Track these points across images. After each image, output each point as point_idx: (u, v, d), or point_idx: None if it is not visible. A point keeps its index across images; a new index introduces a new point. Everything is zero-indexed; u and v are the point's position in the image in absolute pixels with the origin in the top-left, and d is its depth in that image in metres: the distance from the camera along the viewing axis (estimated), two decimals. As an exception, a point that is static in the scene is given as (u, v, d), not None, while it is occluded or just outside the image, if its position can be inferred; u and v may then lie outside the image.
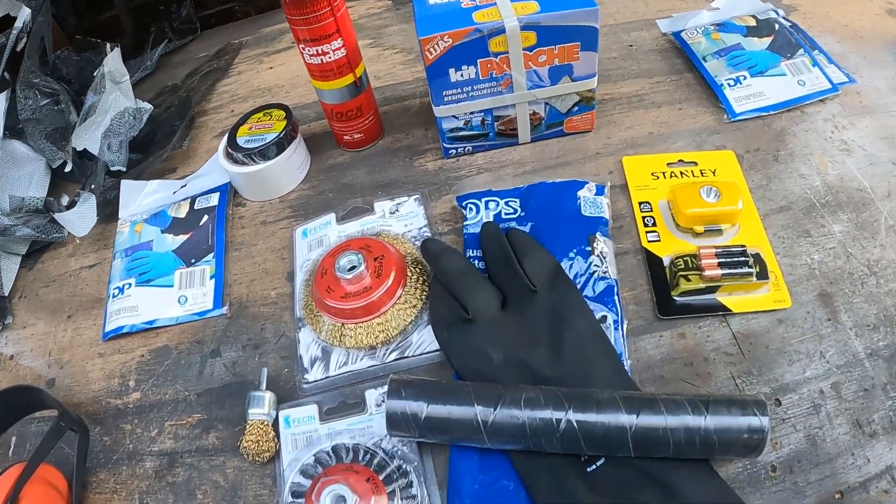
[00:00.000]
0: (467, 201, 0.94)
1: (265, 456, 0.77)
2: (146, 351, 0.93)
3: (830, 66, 1.06)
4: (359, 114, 1.05)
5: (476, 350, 0.77)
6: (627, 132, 1.03)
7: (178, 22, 1.59)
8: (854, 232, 0.86)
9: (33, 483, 0.74)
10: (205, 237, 1.02)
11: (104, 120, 1.16)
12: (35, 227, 1.09)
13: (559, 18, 0.87)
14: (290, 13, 0.91)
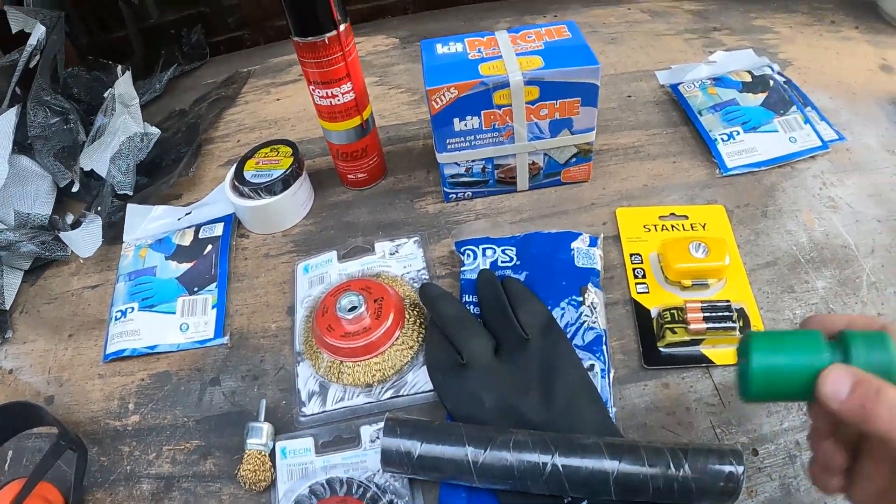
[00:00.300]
0: (465, 247, 0.96)
1: (261, 485, 0.78)
2: (146, 375, 0.94)
3: (822, 124, 1.09)
4: (363, 154, 1.08)
5: (469, 394, 0.79)
6: (622, 184, 1.05)
7: (189, 46, 1.61)
8: (836, 288, 0.88)
9: (31, 500, 0.75)
10: (208, 267, 1.04)
11: (113, 142, 1.18)
12: (39, 243, 1.10)
13: (562, 75, 0.90)
14: (303, 56, 0.94)
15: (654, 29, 1.41)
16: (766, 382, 0.57)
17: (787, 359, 0.56)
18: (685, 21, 1.42)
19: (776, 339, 0.58)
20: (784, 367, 0.56)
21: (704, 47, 1.32)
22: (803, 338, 0.57)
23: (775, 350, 0.57)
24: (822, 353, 0.56)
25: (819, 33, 1.33)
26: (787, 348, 0.57)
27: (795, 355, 0.56)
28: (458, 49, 0.97)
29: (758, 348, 0.57)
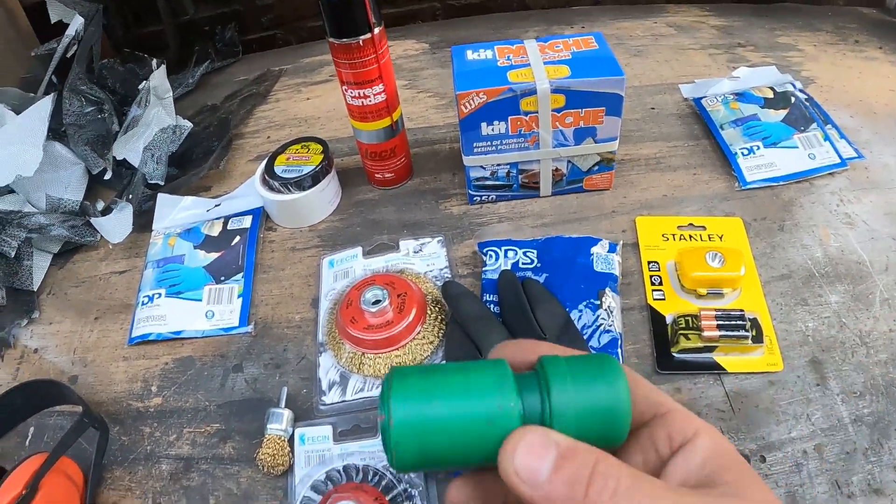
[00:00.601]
0: (488, 248, 0.98)
1: (279, 469, 0.80)
2: (170, 359, 0.96)
3: (841, 141, 1.09)
4: (392, 155, 1.10)
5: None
6: (643, 193, 1.07)
7: (222, 43, 1.63)
8: (849, 303, 0.88)
9: (52, 473, 0.77)
10: (235, 257, 1.06)
11: (146, 133, 1.21)
12: (69, 227, 1.13)
13: (588, 84, 0.92)
14: (338, 57, 0.96)
15: (679, 43, 1.42)
16: (417, 446, 0.37)
17: (447, 408, 0.37)
18: (710, 36, 1.44)
19: (433, 376, 0.39)
20: (441, 423, 0.37)
21: (728, 63, 1.33)
22: (478, 373, 0.39)
23: (429, 394, 0.37)
24: (506, 397, 0.37)
25: (843, 52, 1.34)
26: (450, 389, 0.38)
27: (460, 401, 0.37)
28: (487, 56, 0.99)
29: (400, 392, 0.38)
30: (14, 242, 1.08)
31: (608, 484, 0.33)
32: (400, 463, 0.37)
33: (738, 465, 0.36)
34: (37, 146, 1.12)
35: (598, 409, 0.37)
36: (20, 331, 1.05)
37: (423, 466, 0.38)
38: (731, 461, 0.36)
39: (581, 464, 0.34)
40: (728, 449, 0.37)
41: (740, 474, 0.35)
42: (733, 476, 0.35)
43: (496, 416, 0.36)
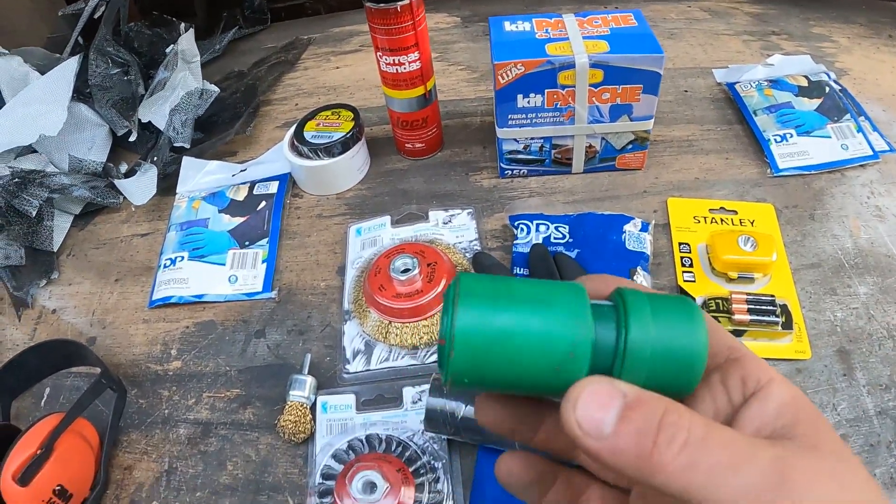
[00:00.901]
0: (519, 221, 0.97)
1: (301, 437, 0.79)
2: (191, 323, 0.96)
3: (874, 134, 1.09)
4: (424, 125, 1.09)
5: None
6: (675, 175, 1.06)
7: (250, 11, 1.62)
8: (878, 295, 0.88)
9: (68, 434, 0.77)
10: (261, 222, 1.06)
11: (172, 96, 1.20)
12: (91, 188, 1.12)
13: (627, 61, 0.91)
14: (374, 22, 0.95)
15: (714, 28, 1.41)
16: (476, 359, 0.33)
17: (516, 324, 0.33)
18: (744, 23, 1.42)
19: (506, 286, 0.35)
20: (508, 340, 0.33)
21: (762, 50, 1.32)
22: (553, 293, 0.35)
23: (498, 305, 0.33)
24: (580, 325, 0.33)
25: (876, 46, 1.33)
26: (522, 306, 0.33)
27: (530, 319, 0.33)
28: (525, 28, 0.98)
29: (468, 297, 0.34)
30: (35, 202, 1.07)
31: (678, 435, 0.30)
32: (454, 374, 0.34)
33: (813, 417, 0.33)
34: (61, 106, 1.11)
35: (675, 349, 0.34)
36: (39, 291, 1.05)
37: (476, 384, 0.35)
38: (806, 412, 0.34)
39: (649, 414, 0.31)
40: (803, 400, 0.34)
41: (815, 426, 0.33)
42: (809, 428, 0.32)
43: (567, 343, 0.33)
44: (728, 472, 0.29)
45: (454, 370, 0.33)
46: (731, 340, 0.38)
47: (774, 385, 0.35)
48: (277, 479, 0.79)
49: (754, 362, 0.36)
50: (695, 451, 0.30)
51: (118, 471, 0.82)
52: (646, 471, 0.30)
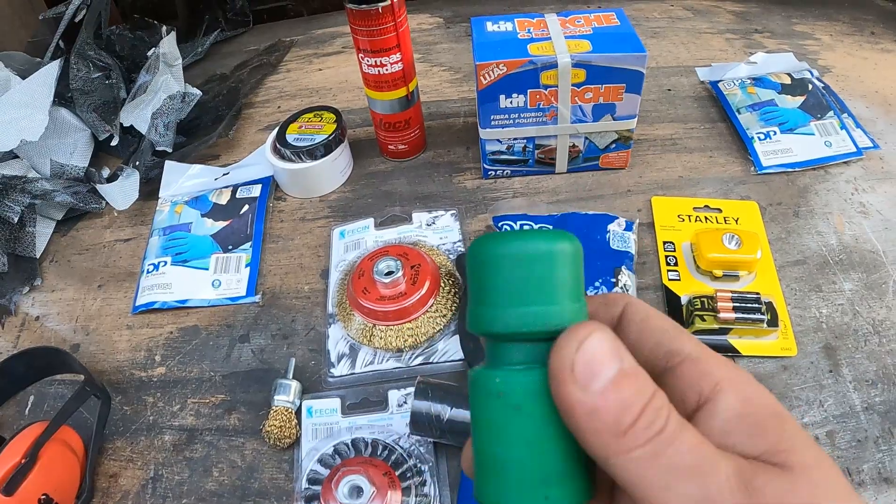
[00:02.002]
0: (503, 222, 0.97)
1: (286, 441, 0.79)
2: (175, 328, 0.95)
3: (857, 131, 1.09)
4: (406, 126, 1.09)
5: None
6: (659, 173, 1.06)
7: (232, 13, 1.62)
8: (863, 291, 0.88)
9: (52, 442, 0.76)
10: (244, 226, 1.05)
11: (154, 100, 1.19)
12: (73, 194, 1.11)
13: (609, 60, 0.91)
14: (355, 23, 0.95)
15: (696, 27, 1.41)
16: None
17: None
18: (727, 21, 1.43)
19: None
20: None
21: (745, 48, 1.33)
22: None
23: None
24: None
25: (859, 44, 1.33)
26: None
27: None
28: (507, 28, 0.97)
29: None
30: (17, 208, 1.06)
31: (656, 422, 0.28)
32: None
33: (775, 425, 0.30)
34: (42, 111, 1.10)
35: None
36: (21, 298, 1.04)
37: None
38: (765, 420, 0.30)
39: (641, 390, 0.29)
40: (760, 403, 0.30)
41: (779, 437, 0.29)
42: (771, 440, 0.29)
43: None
44: (685, 478, 0.27)
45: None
46: (670, 342, 0.33)
47: (721, 394, 0.31)
48: (264, 484, 0.78)
49: (696, 367, 0.32)
50: (665, 445, 0.28)
51: (104, 479, 0.81)
52: (610, 447, 0.28)
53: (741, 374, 0.31)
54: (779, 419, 0.30)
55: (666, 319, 0.35)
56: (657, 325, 0.34)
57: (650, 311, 0.35)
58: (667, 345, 0.33)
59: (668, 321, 0.34)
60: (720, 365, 0.32)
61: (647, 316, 0.35)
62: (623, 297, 0.36)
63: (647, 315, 0.35)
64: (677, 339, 0.33)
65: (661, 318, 0.35)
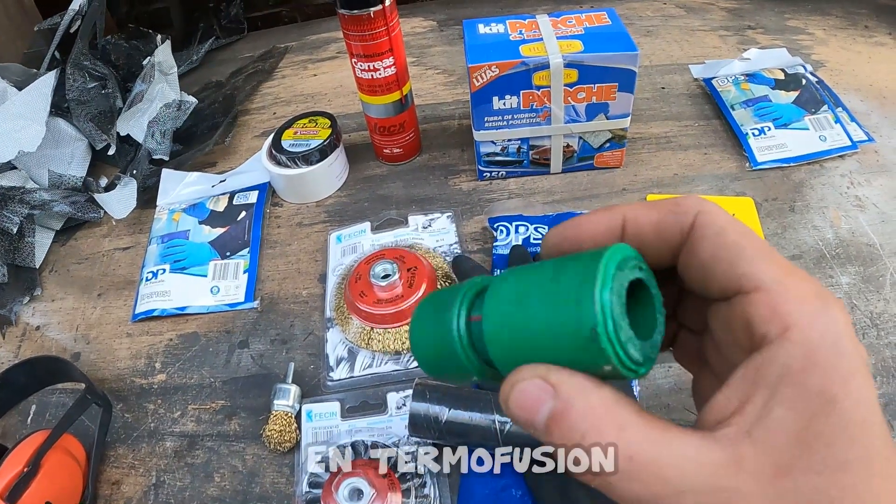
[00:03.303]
0: (499, 223, 0.97)
1: (286, 445, 0.79)
2: (175, 335, 0.96)
3: (852, 124, 1.09)
4: (401, 129, 1.09)
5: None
6: (654, 171, 1.07)
7: (227, 20, 1.62)
8: (860, 285, 0.88)
9: (54, 450, 0.76)
10: (241, 232, 1.05)
11: (150, 108, 1.20)
12: (71, 203, 1.11)
13: (601, 59, 0.91)
14: (348, 28, 0.95)
15: (689, 24, 1.42)
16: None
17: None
18: (720, 18, 1.43)
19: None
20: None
21: (738, 45, 1.33)
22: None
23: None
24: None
25: (852, 38, 1.34)
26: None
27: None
28: (499, 30, 0.98)
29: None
30: (16, 219, 1.06)
31: (604, 465, 0.28)
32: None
33: (842, 409, 0.26)
34: (39, 122, 1.11)
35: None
36: (22, 308, 1.04)
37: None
38: (830, 389, 0.27)
39: (574, 427, 0.29)
40: (833, 359, 0.27)
41: (843, 427, 0.26)
42: (831, 427, 0.26)
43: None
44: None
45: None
46: (747, 265, 0.30)
47: (787, 336, 0.28)
48: (265, 488, 0.78)
49: (768, 300, 0.29)
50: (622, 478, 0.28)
51: (106, 486, 0.81)
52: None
53: (829, 307, 0.28)
54: (856, 396, 0.27)
55: (745, 234, 0.31)
56: (733, 242, 0.31)
57: (726, 222, 0.32)
58: (742, 267, 0.30)
59: (748, 236, 0.31)
60: (797, 301, 0.28)
61: (721, 229, 0.31)
62: (695, 204, 0.33)
63: (723, 228, 0.31)
64: (754, 262, 0.30)
65: (738, 233, 0.31)
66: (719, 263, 0.31)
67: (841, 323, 0.28)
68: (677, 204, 0.33)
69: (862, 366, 0.27)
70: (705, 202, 0.33)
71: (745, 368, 0.29)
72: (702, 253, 0.32)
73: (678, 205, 0.33)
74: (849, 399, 0.26)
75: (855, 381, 0.27)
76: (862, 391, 0.27)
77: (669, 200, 0.34)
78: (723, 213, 0.32)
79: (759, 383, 0.28)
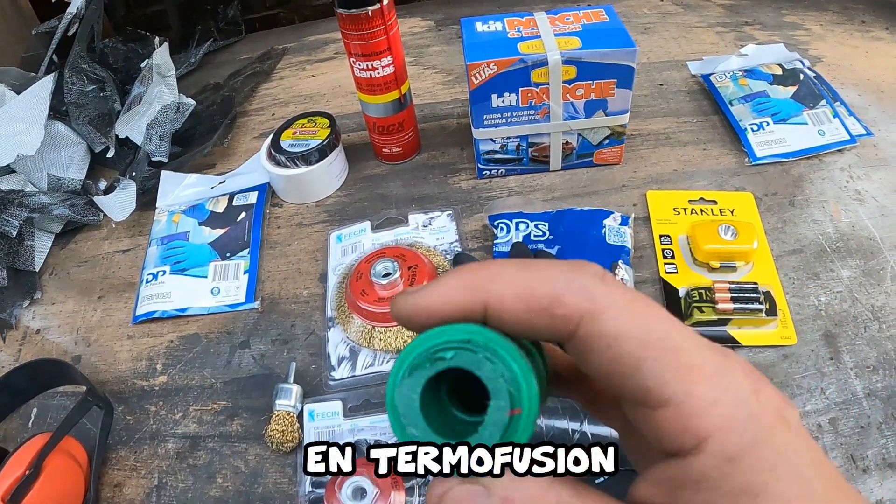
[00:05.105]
0: (499, 221, 0.97)
1: (289, 445, 0.79)
2: (175, 337, 0.96)
3: (850, 119, 1.09)
4: (400, 129, 1.09)
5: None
6: (653, 167, 1.07)
7: (224, 22, 1.62)
8: (861, 278, 0.88)
9: (56, 453, 0.76)
10: (241, 233, 1.05)
11: (149, 111, 1.20)
12: (70, 206, 1.11)
13: (599, 56, 0.91)
14: (346, 28, 0.95)
15: (687, 21, 1.42)
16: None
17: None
18: (717, 14, 1.43)
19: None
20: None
21: (736, 41, 1.33)
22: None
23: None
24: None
25: (849, 32, 1.34)
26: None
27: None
28: (497, 28, 0.98)
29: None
30: (15, 222, 1.07)
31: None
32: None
33: (773, 494, 0.26)
34: (38, 125, 1.11)
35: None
36: (22, 311, 1.04)
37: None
38: (756, 482, 0.26)
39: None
40: (755, 452, 0.26)
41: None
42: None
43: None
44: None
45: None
46: (652, 378, 0.27)
47: (701, 455, 0.27)
48: (267, 489, 0.78)
49: (683, 413, 0.27)
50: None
51: (108, 488, 0.81)
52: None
53: (734, 423, 0.26)
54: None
55: (643, 341, 0.27)
56: (628, 354, 0.27)
57: (618, 330, 0.28)
58: (644, 382, 0.27)
59: (647, 343, 0.27)
60: (707, 412, 0.26)
61: (613, 341, 0.27)
62: (580, 304, 0.28)
63: (615, 339, 0.27)
64: (657, 376, 0.27)
65: (635, 341, 0.27)
66: (615, 378, 0.28)
67: (758, 410, 0.27)
68: (556, 301, 0.28)
69: (792, 439, 0.27)
70: (596, 290, 0.28)
71: (664, 472, 0.28)
72: (593, 366, 0.29)
73: (557, 303, 0.28)
74: (780, 483, 0.26)
75: (783, 462, 0.26)
76: (793, 469, 0.26)
77: (547, 290, 0.29)
78: (616, 311, 0.28)
79: (679, 490, 0.27)
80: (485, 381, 0.28)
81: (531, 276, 0.29)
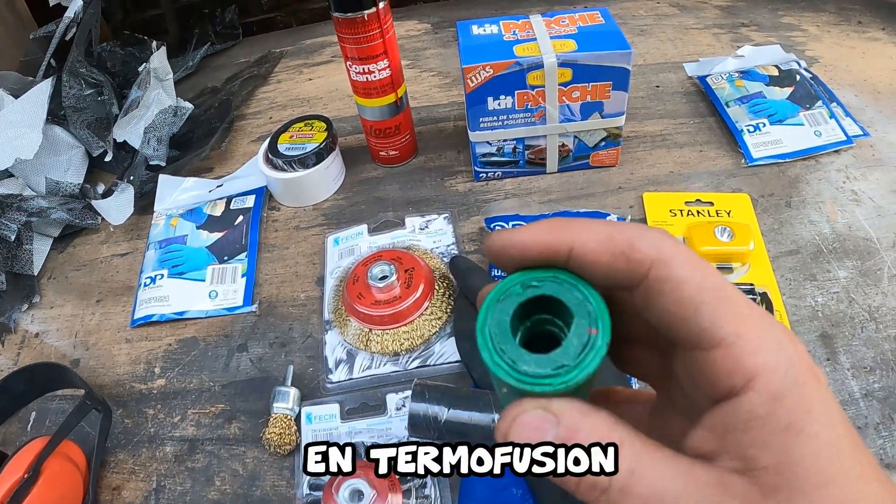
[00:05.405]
0: (495, 223, 0.97)
1: (286, 448, 0.79)
2: (174, 340, 0.96)
3: (846, 119, 1.09)
4: (396, 132, 1.09)
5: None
6: (649, 169, 1.07)
7: (222, 26, 1.63)
8: (858, 279, 0.88)
9: (54, 457, 0.76)
10: (239, 237, 1.05)
11: (146, 115, 1.20)
12: (68, 210, 1.12)
13: (595, 58, 0.91)
14: (342, 31, 0.95)
15: (683, 23, 1.42)
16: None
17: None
18: (713, 16, 1.43)
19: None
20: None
21: (732, 42, 1.33)
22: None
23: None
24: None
25: (846, 33, 1.34)
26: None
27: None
28: (493, 31, 0.98)
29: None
30: (14, 226, 1.07)
31: (598, 484, 0.30)
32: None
33: (810, 436, 0.28)
34: (36, 129, 1.11)
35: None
36: (21, 315, 1.05)
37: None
38: (797, 422, 0.28)
39: (583, 440, 0.30)
40: (796, 395, 0.28)
41: (816, 452, 0.28)
42: (805, 454, 0.28)
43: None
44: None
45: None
46: (709, 320, 0.29)
47: (749, 393, 0.28)
48: (265, 492, 0.78)
49: (734, 354, 0.29)
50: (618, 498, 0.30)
51: (107, 491, 0.82)
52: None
53: (777, 362, 0.28)
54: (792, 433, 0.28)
55: (702, 286, 0.29)
56: (689, 298, 0.29)
57: (682, 274, 0.30)
58: (701, 323, 0.29)
59: (705, 288, 0.29)
60: (756, 352, 0.28)
61: (678, 284, 0.30)
62: (651, 250, 0.30)
63: (679, 283, 0.30)
64: (713, 318, 0.29)
65: (695, 286, 0.29)
66: (676, 320, 0.30)
67: (797, 358, 0.29)
68: (632, 247, 0.31)
69: (822, 390, 0.29)
70: (664, 243, 0.31)
71: (715, 418, 0.30)
72: (657, 308, 0.31)
73: (633, 248, 0.31)
74: (816, 425, 0.28)
75: (817, 407, 0.28)
76: (825, 415, 0.28)
77: (625, 237, 0.31)
78: (680, 260, 0.30)
79: (730, 433, 0.29)
80: (569, 304, 0.32)
81: (611, 227, 0.32)
